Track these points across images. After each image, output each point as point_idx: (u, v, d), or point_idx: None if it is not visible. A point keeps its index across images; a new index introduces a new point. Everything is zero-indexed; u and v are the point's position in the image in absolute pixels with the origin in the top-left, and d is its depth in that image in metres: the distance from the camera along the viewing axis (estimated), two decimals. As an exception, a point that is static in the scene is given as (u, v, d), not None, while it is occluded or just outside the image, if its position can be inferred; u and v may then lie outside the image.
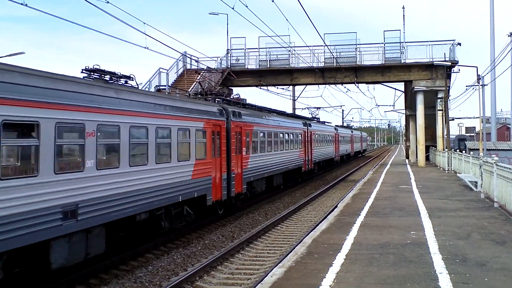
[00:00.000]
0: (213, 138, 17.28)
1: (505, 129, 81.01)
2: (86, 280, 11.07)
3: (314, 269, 8.69)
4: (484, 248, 9.98)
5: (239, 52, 39.61)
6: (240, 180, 19.96)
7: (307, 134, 33.79)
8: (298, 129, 31.44)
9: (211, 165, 17.02)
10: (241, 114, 20.53)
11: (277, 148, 25.88)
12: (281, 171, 26.91)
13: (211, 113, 17.43)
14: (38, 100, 9.23)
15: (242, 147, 20.13)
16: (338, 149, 50.25)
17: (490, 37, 43.80)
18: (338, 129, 51.99)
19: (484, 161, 18.72)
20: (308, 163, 33.76)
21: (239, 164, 19.85)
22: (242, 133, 20.27)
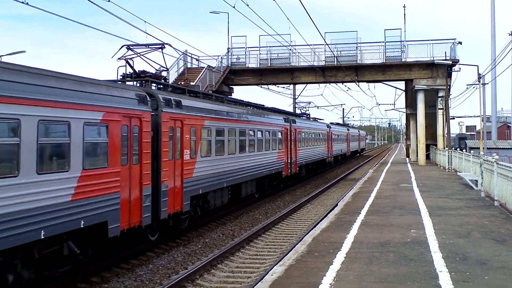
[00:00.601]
0: (124, 136, 11.85)
1: (505, 128, 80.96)
2: (87, 278, 11.08)
3: (315, 267, 8.70)
4: (484, 247, 9.99)
5: (240, 51, 39.66)
6: (180, 194, 14.62)
7: (290, 132, 28.85)
8: (277, 125, 26.29)
9: (117, 176, 11.49)
10: (181, 104, 14.85)
11: (244, 149, 20.72)
12: (252, 177, 21.86)
13: (120, 100, 11.77)
14: None
15: (183, 148, 14.84)
16: (331, 149, 44.83)
17: (490, 36, 43.78)
18: (331, 127, 46.61)
19: (485, 160, 18.73)
20: (291, 167, 28.66)
21: (178, 173, 14.52)
22: (184, 129, 14.87)
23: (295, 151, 29.76)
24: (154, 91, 14.26)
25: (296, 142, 30.24)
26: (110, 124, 11.31)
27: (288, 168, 28.06)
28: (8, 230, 8.42)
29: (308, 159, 34.06)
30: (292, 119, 29.88)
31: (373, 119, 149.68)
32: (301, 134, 32.10)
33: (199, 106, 16.47)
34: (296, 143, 30.23)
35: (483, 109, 37.84)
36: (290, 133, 28.79)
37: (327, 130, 43.41)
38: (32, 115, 9.02)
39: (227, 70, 38.11)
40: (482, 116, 38.39)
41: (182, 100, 15.08)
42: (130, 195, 12.08)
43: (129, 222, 12.02)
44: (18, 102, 8.71)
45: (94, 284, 10.96)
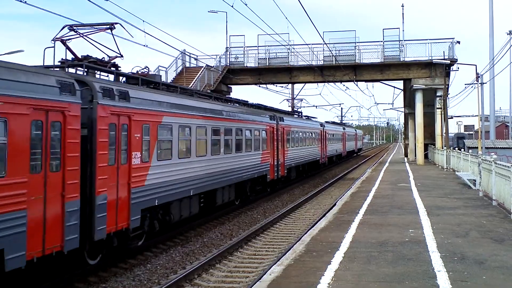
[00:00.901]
0: (35, 135, 9.23)
1: (503, 127, 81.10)
2: (85, 278, 11.06)
3: (313, 267, 8.69)
4: (482, 246, 10.00)
5: (238, 50, 39.64)
6: (125, 207, 11.80)
7: (277, 131, 26.20)
8: (261, 123, 23.40)
9: (22, 188, 8.78)
10: (129, 95, 12.04)
11: (219, 150, 17.94)
12: (229, 182, 19.06)
13: (30, 88, 9.05)
14: None
15: (131, 151, 12.03)
16: (325, 149, 42.10)
17: (489, 35, 43.81)
18: (325, 126, 43.67)
19: (483, 159, 18.74)
20: (277, 169, 26.00)
21: (123, 181, 11.72)
22: (132, 127, 12.09)
23: (282, 152, 27.22)
24: (88, 78, 11.35)
25: (284, 142, 27.73)
26: (11, 118, 8.49)
27: (275, 171, 25.55)
28: None
29: (298, 160, 31.46)
30: (279, 116, 27.37)
31: (372, 119, 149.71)
32: (290, 133, 29.57)
33: (155, 99, 13.55)
34: (284, 143, 27.72)
35: (481, 108, 37.90)
36: (277, 132, 26.25)
37: (320, 129, 40.62)
38: None
39: (225, 70, 38.09)
40: (481, 116, 38.42)
41: (130, 90, 12.18)
42: (45, 213, 9.27)
43: (43, 247, 9.25)
44: None
45: (92, 284, 10.94)
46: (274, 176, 25.51)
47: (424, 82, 37.22)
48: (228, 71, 38.30)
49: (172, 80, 34.33)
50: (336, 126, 54.40)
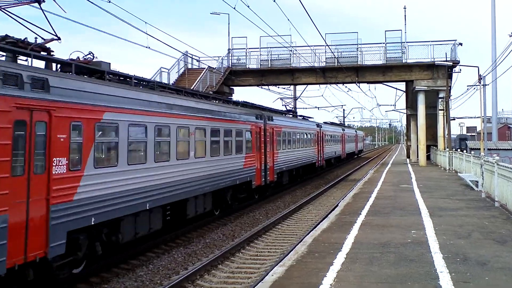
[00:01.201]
0: None
1: (506, 128, 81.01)
2: (87, 279, 11.08)
3: (315, 268, 8.69)
4: (485, 247, 9.98)
5: (241, 52, 39.69)
6: (42, 230, 9.22)
7: (264, 132, 23.47)
8: (243, 123, 20.45)
9: None
10: (48, 84, 9.53)
11: (187, 154, 15.03)
12: (202, 191, 16.20)
13: None
14: None
15: (52, 156, 9.43)
16: (322, 151, 39.55)
17: (491, 37, 43.78)
18: (322, 126, 40.95)
19: (485, 161, 18.72)
20: (265, 174, 23.24)
21: (39, 196, 9.13)
22: (53, 125, 9.53)
23: (272, 155, 24.44)
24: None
25: (273, 143, 24.84)
26: None
27: (262, 176, 22.74)
28: None
29: (291, 163, 28.62)
30: (268, 115, 24.42)
31: (374, 120, 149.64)
32: (281, 134, 26.71)
33: (94, 90, 10.84)
34: (273, 144, 24.85)
35: (483, 110, 37.83)
36: (264, 133, 23.47)
37: (316, 130, 37.96)
38: None
39: (227, 71, 38.13)
40: (483, 117, 38.37)
41: (50, 78, 9.54)
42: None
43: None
44: None
45: (94, 284, 10.96)
46: (261, 182, 22.76)
47: (426, 83, 37.20)
48: (230, 72, 38.34)
49: (174, 81, 34.38)
50: (335, 127, 51.81)
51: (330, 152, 44.74)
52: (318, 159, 38.13)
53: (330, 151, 44.73)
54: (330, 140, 45.35)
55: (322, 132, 40.27)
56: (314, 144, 36.94)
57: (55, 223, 9.43)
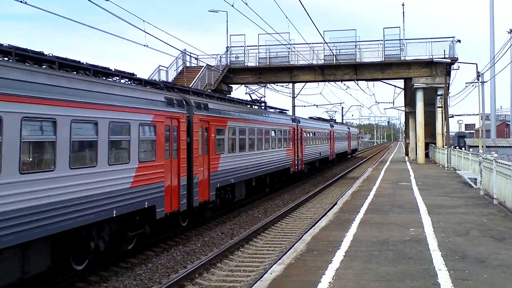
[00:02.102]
0: None
1: (504, 126, 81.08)
2: (86, 278, 11.08)
3: (314, 266, 8.70)
4: (483, 245, 9.99)
5: (239, 50, 39.65)
6: None
7: (197, 129, 16.14)
8: (144, 112, 13.12)
9: None
10: None
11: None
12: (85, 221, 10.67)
13: None
14: None
15: None
16: (300, 153, 32.16)
17: (489, 34, 43.79)
18: (300, 121, 33.76)
19: (484, 158, 18.74)
20: (195, 191, 15.89)
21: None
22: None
23: (207, 162, 17.22)
24: None
25: (210, 145, 17.43)
26: None
27: (193, 196, 15.76)
28: None
29: (246, 172, 21.11)
30: (199, 103, 16.65)
31: (372, 118, 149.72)
32: (227, 132, 19.08)
33: None
34: (211, 147, 17.49)
35: (482, 107, 37.87)
36: (196, 131, 16.29)
37: (292, 126, 30.64)
38: None
39: (226, 69, 38.10)
40: (481, 114, 38.41)
41: None
42: None
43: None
44: None
45: (93, 283, 10.96)
46: (191, 204, 15.71)
47: (425, 81, 37.20)
48: (228, 70, 38.31)
49: (173, 79, 34.35)
50: (320, 123, 43.71)
51: (313, 153, 37.30)
52: (296, 163, 30.98)
53: (312, 152, 37.28)
54: (314, 138, 38.15)
55: (299, 129, 32.62)
56: (289, 144, 29.63)
57: None
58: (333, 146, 47.45)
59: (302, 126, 33.93)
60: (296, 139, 31.44)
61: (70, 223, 10.16)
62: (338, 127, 53.98)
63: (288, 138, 29.50)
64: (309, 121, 38.84)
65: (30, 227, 9.08)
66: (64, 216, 9.95)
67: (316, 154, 38.74)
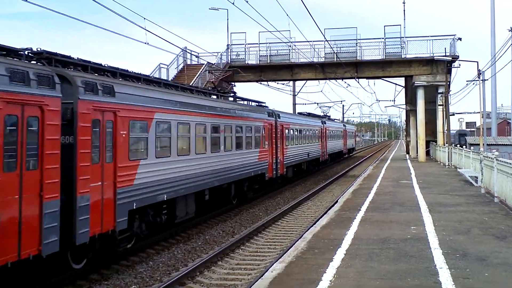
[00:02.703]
0: None
1: (505, 124, 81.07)
2: (86, 276, 11.09)
3: (315, 264, 8.70)
4: (484, 243, 9.99)
5: (240, 48, 39.60)
6: None
7: (86, 123, 10.65)
8: None
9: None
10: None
11: None
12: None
13: None
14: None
15: None
16: (281, 155, 26.52)
17: (490, 32, 43.75)
18: (281, 116, 27.32)
19: (485, 156, 18.72)
20: (82, 219, 10.35)
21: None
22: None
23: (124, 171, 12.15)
24: None
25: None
26: None
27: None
28: None
29: (188, 182, 15.68)
30: (102, 85, 11.70)
31: (373, 116, 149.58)
32: (172, 129, 14.59)
33: None
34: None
35: (483, 105, 37.83)
36: (71, 123, 11.92)
37: (268, 123, 24.65)
38: None
39: (226, 67, 38.06)
40: (482, 113, 38.38)
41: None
42: None
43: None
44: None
45: (94, 281, 10.97)
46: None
47: (426, 79, 37.15)
48: (229, 68, 38.26)
49: (174, 77, 34.33)
50: (309, 119, 37.74)
51: (298, 155, 31.08)
52: (274, 167, 25.30)
53: (297, 153, 31.06)
54: (299, 137, 32.10)
55: (280, 125, 26.84)
56: (264, 144, 23.97)
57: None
58: (326, 146, 42.13)
59: (283, 122, 27.45)
60: (270, 139, 25.06)
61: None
62: (332, 124, 48.75)
63: (262, 136, 23.74)
64: (292, 116, 32.80)
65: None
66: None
67: (302, 155, 32.56)
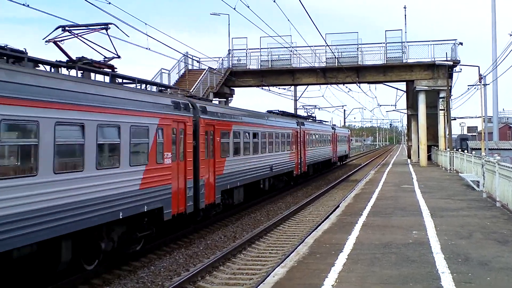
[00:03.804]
0: None
1: (507, 128, 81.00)
2: (88, 280, 11.08)
3: (316, 269, 8.69)
4: (486, 248, 9.97)
5: (241, 53, 39.71)
6: None
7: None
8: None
9: None
10: None
11: None
12: None
13: None
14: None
15: None
16: (209, 174, 16.88)
17: (491, 36, 43.75)
18: (242, 119, 20.90)
19: (486, 161, 18.71)
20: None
21: None
22: None
23: None
24: None
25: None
26: None
27: None
28: None
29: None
30: None
31: (375, 120, 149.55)
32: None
33: None
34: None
35: (484, 109, 37.82)
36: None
37: (180, 119, 15.15)
38: None
39: (228, 72, 38.15)
40: (484, 117, 38.36)
41: None
42: None
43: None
44: None
45: (95, 286, 10.95)
46: None
47: (427, 83, 37.19)
48: (230, 73, 38.36)
49: (175, 82, 34.40)
50: (277, 119, 27.09)
51: (247, 170, 20.93)
52: (175, 203, 14.78)
53: (246, 168, 20.70)
54: (271, 143, 24.72)
55: (211, 125, 17.14)
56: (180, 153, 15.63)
57: None
58: (304, 154, 31.96)
59: (215, 121, 17.57)
60: (182, 146, 15.61)
61: None
62: (315, 127, 38.24)
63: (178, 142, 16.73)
64: (235, 112, 20.94)
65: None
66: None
67: (260, 170, 22.81)
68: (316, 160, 36.64)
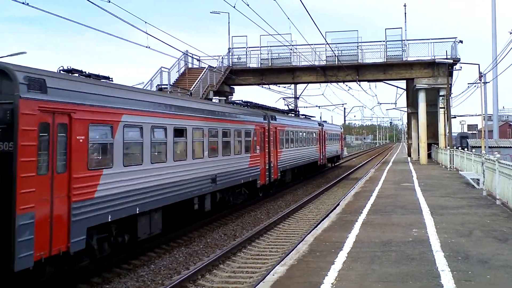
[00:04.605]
0: None
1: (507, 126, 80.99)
2: (88, 279, 11.09)
3: (316, 267, 8.69)
4: (486, 246, 9.98)
5: (241, 51, 39.68)
6: None
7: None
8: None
9: None
10: None
11: None
12: None
13: None
14: None
15: None
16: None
17: (491, 34, 43.72)
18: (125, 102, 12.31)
19: (486, 159, 18.70)
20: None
21: None
22: None
23: None
24: None
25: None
26: None
27: None
28: None
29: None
30: None
31: (375, 119, 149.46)
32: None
33: None
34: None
35: (484, 107, 37.81)
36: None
37: None
38: None
39: (228, 70, 38.12)
40: (484, 115, 38.35)
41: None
42: None
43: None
44: None
45: (95, 285, 10.96)
46: None
47: (427, 81, 37.16)
48: (230, 71, 38.33)
49: (175, 81, 34.38)
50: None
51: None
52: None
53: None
54: (155, 149, 14.79)
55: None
56: None
57: None
58: (276, 156, 25.53)
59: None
60: None
61: None
62: (293, 122, 30.54)
63: None
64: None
65: None
66: None
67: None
68: (294, 164, 29.96)
